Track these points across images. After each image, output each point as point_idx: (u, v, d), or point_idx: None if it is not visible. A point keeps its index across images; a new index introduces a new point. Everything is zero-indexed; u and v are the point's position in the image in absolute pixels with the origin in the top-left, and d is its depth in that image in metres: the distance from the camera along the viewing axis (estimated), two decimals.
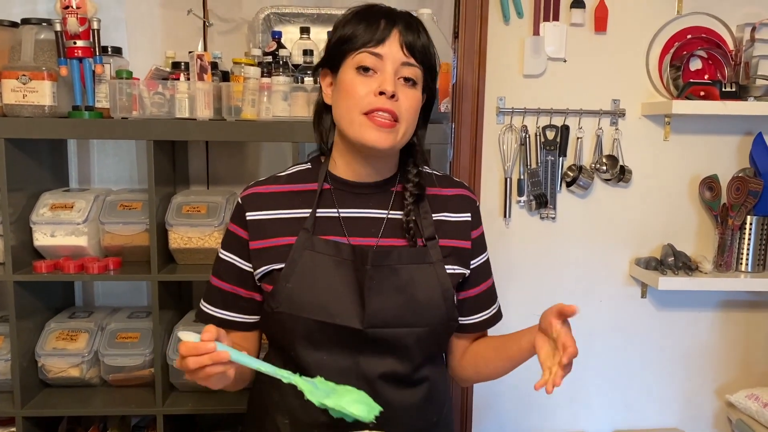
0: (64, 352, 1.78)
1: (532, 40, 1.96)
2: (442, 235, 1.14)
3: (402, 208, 1.13)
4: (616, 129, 2.02)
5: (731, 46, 1.99)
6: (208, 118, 1.66)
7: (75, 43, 1.64)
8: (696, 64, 2.01)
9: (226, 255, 1.14)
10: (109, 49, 1.79)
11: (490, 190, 2.02)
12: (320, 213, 1.11)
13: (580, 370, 2.06)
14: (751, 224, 1.99)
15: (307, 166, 1.17)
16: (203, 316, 1.17)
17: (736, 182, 1.98)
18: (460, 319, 1.18)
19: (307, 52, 1.78)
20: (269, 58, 1.77)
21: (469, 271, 1.17)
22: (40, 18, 1.72)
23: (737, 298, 2.13)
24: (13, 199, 1.68)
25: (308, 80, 1.73)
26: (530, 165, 2.01)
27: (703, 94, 1.92)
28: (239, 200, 1.14)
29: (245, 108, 1.67)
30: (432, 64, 1.10)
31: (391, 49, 1.04)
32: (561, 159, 2.02)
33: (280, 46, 1.80)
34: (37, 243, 1.75)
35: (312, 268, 1.07)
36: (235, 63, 1.76)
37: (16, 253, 1.69)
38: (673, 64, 1.98)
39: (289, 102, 1.69)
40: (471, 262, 1.17)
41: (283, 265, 1.08)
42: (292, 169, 1.19)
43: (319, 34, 1.92)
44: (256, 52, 1.80)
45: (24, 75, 1.62)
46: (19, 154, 1.70)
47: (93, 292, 2.07)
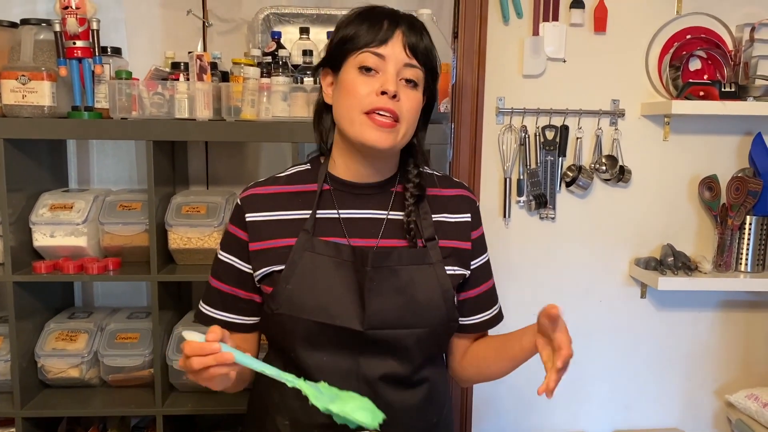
0: (64, 353, 1.78)
1: (532, 41, 1.96)
2: (442, 235, 1.14)
3: (402, 209, 1.13)
4: (616, 129, 2.02)
5: (730, 47, 1.99)
6: (208, 119, 1.66)
7: (74, 43, 1.64)
8: (695, 65, 2.01)
9: (226, 256, 1.14)
10: (109, 50, 1.79)
11: (490, 190, 2.02)
12: (320, 214, 1.11)
13: (579, 370, 2.09)
14: (751, 224, 1.99)
15: (307, 167, 1.17)
16: (202, 318, 1.17)
17: (736, 182, 1.98)
18: (460, 320, 1.17)
19: (306, 53, 1.78)
20: (269, 59, 1.77)
21: (470, 271, 1.17)
22: (40, 18, 1.72)
23: (737, 298, 2.13)
24: (13, 200, 1.68)
25: (308, 80, 1.73)
26: (530, 165, 2.01)
27: (702, 94, 1.92)
28: (238, 201, 1.14)
29: (245, 108, 1.67)
30: (433, 66, 1.10)
31: (394, 49, 1.04)
32: (560, 159, 2.02)
33: (280, 47, 1.80)
34: (36, 243, 1.75)
35: (312, 269, 1.07)
36: (235, 63, 1.76)
37: (15, 254, 1.69)
38: (673, 64, 1.98)
39: (288, 102, 1.68)
40: (471, 263, 1.17)
41: (283, 267, 1.08)
42: (292, 169, 1.18)
43: (319, 35, 1.92)
44: (256, 53, 1.80)
45: (23, 75, 1.62)
46: (19, 155, 1.70)
47: (92, 293, 2.07)
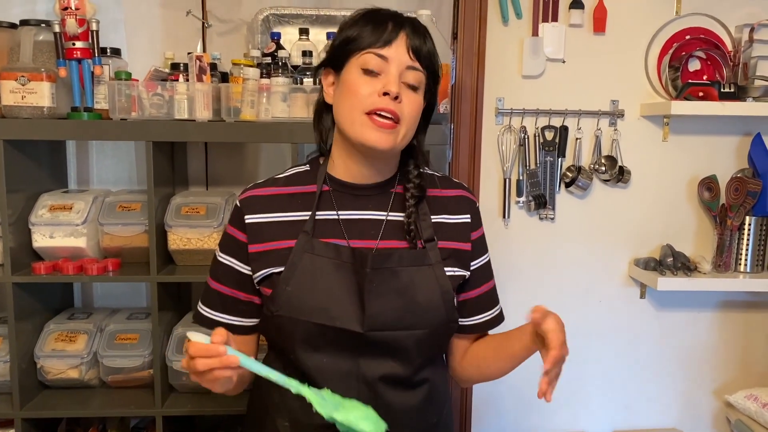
0: (63, 354, 1.78)
1: (531, 41, 1.96)
2: (442, 236, 1.13)
3: (401, 210, 1.13)
4: (615, 129, 2.02)
5: (730, 47, 1.99)
6: (207, 119, 1.66)
7: (74, 44, 1.64)
8: (695, 65, 2.01)
9: (225, 258, 1.14)
10: (108, 50, 1.79)
11: (489, 190, 2.02)
12: (319, 215, 1.11)
13: (579, 370, 2.10)
14: (750, 224, 1.99)
15: (306, 168, 1.17)
16: (202, 320, 1.16)
17: (735, 183, 1.98)
18: (461, 320, 1.18)
19: (306, 53, 1.78)
20: (268, 59, 1.77)
21: (470, 272, 1.17)
22: (39, 19, 1.72)
23: (736, 299, 2.13)
24: (12, 201, 1.68)
25: (307, 81, 1.73)
26: (529, 165, 2.01)
27: (701, 94, 1.92)
28: (237, 203, 1.14)
29: (244, 109, 1.67)
30: (435, 70, 1.10)
31: (398, 51, 1.04)
32: (560, 159, 2.02)
33: (279, 47, 1.80)
34: (35, 244, 1.75)
35: (312, 271, 1.07)
36: (234, 64, 1.76)
37: (14, 255, 1.69)
38: (672, 65, 1.98)
39: (288, 103, 1.68)
40: (471, 264, 1.17)
41: (282, 269, 1.08)
42: (291, 171, 1.18)
43: (318, 36, 1.92)
44: (255, 53, 1.80)
45: (23, 76, 1.62)
46: (18, 155, 1.70)
47: (92, 294, 2.07)
